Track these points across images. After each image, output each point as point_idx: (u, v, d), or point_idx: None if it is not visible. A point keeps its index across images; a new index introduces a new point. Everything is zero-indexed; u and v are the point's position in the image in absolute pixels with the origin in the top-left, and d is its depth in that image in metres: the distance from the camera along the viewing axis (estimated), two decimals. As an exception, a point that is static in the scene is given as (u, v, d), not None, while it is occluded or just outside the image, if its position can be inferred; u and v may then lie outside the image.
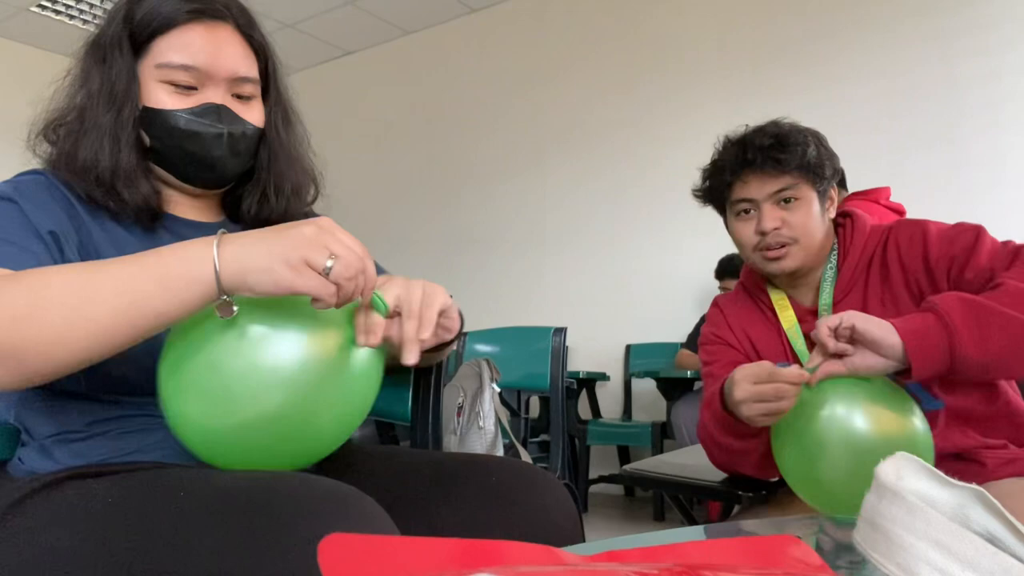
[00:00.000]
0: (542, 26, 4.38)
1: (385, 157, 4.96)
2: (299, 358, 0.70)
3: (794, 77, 3.50)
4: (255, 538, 0.60)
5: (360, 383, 0.75)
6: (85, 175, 0.83)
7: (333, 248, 0.65)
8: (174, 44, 0.84)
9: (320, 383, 0.71)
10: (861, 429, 0.93)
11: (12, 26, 4.83)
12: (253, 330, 0.69)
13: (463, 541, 0.42)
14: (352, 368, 0.73)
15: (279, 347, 0.69)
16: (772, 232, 1.17)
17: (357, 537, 0.39)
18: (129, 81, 0.85)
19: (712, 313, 1.40)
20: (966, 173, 3.10)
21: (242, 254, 0.65)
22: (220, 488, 0.66)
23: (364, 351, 0.74)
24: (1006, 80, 3.04)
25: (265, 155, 0.95)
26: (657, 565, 0.39)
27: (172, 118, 0.85)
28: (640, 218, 3.96)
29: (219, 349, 0.69)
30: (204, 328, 0.69)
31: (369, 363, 0.75)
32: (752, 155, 1.15)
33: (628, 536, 0.75)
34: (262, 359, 0.69)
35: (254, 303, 0.69)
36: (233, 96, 0.88)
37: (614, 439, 3.64)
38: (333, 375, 0.72)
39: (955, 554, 0.44)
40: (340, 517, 0.62)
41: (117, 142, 0.83)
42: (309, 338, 0.70)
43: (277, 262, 0.64)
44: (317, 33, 4.85)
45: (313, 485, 0.66)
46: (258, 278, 0.64)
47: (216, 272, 0.64)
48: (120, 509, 0.67)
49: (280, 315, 0.70)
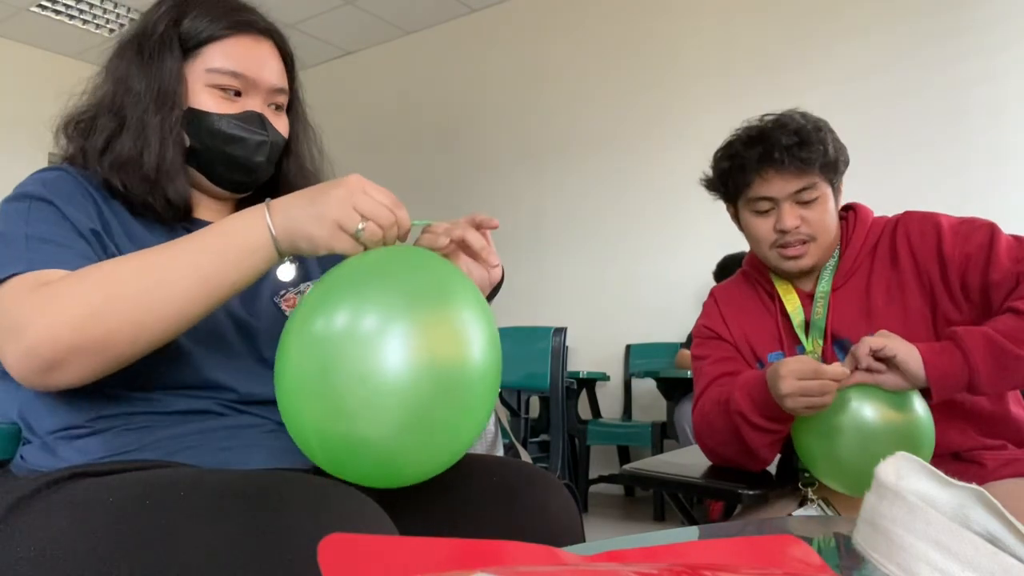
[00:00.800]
0: (542, 26, 4.39)
1: (385, 157, 4.96)
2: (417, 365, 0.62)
3: (795, 78, 3.50)
4: (252, 538, 0.60)
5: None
6: (128, 170, 0.85)
7: (362, 208, 0.71)
8: (225, 52, 0.89)
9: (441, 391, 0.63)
10: (873, 417, 1.05)
11: (12, 26, 4.83)
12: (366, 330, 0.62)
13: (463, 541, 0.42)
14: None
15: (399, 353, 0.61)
16: (792, 231, 1.17)
17: (357, 537, 0.39)
18: (178, 82, 0.88)
19: (708, 304, 1.40)
20: (967, 173, 3.10)
21: (288, 220, 0.72)
22: (218, 487, 0.66)
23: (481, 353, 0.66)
24: (1007, 80, 3.04)
25: (289, 166, 0.99)
26: (657, 565, 0.39)
27: (218, 121, 0.88)
28: (640, 218, 3.96)
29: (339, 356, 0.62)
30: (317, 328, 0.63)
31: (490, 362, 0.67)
32: (779, 155, 1.14)
33: (628, 536, 0.75)
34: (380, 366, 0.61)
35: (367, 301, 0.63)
36: (268, 106, 0.93)
37: (614, 439, 3.64)
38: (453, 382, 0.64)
39: (955, 554, 0.44)
40: (337, 517, 0.63)
41: (166, 140, 0.86)
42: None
43: (314, 225, 0.71)
44: (317, 33, 4.85)
45: (311, 485, 0.66)
46: (302, 241, 0.72)
47: (272, 237, 0.72)
48: (118, 508, 0.67)
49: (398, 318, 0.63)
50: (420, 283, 0.66)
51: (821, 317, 1.22)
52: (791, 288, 1.27)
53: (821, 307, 1.22)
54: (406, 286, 0.65)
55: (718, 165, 1.25)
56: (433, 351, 0.62)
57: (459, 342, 0.64)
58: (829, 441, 1.06)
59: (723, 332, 1.32)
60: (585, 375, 3.73)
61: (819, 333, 1.22)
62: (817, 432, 1.08)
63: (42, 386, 0.73)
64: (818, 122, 1.19)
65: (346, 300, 0.64)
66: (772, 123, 1.18)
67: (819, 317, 1.22)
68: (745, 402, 1.14)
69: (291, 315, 0.68)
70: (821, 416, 1.06)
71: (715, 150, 1.27)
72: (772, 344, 1.28)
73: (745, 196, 1.21)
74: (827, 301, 1.22)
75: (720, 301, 1.36)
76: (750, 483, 1.20)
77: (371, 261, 0.69)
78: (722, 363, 1.31)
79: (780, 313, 1.27)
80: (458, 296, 0.67)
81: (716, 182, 1.27)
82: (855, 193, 1.28)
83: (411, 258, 0.70)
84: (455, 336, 0.64)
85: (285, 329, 0.66)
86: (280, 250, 0.73)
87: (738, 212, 1.26)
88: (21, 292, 0.72)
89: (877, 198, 1.30)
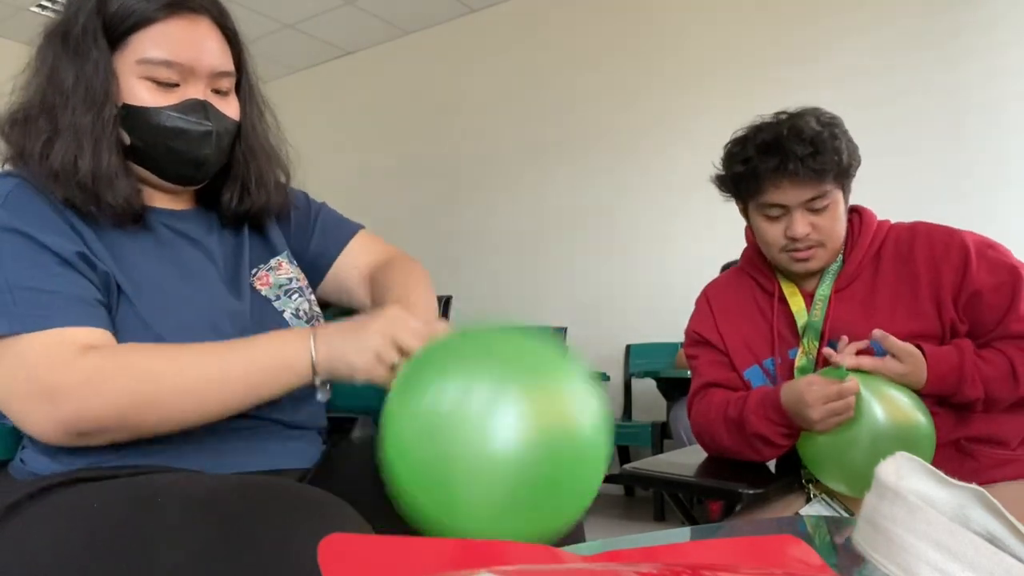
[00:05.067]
0: (542, 26, 4.38)
1: (385, 157, 4.95)
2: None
3: (796, 79, 3.50)
4: (232, 546, 0.60)
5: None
6: (63, 180, 0.79)
7: (401, 342, 0.74)
8: (155, 39, 0.81)
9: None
10: (884, 420, 1.09)
11: (12, 26, 4.83)
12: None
13: (463, 541, 0.42)
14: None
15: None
16: (803, 238, 1.18)
17: (357, 537, 0.39)
18: (107, 77, 0.80)
19: (699, 306, 1.39)
20: (969, 174, 3.09)
21: (331, 350, 0.76)
22: (205, 494, 0.66)
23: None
24: (1009, 80, 3.04)
25: (243, 149, 0.93)
26: (657, 565, 0.39)
27: (156, 116, 0.82)
28: (640, 218, 3.95)
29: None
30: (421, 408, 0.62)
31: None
32: (794, 166, 1.13)
33: (628, 536, 0.75)
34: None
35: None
36: (212, 91, 0.86)
37: (614, 439, 3.64)
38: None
39: (955, 554, 0.44)
40: (313, 525, 0.62)
41: (99, 144, 0.79)
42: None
43: (355, 355, 0.75)
44: (317, 33, 4.85)
45: (291, 493, 0.66)
46: (342, 368, 0.76)
47: (313, 364, 0.76)
48: (104, 514, 0.67)
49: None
50: (530, 365, 0.64)
51: (819, 320, 1.22)
52: (796, 290, 1.27)
53: (819, 309, 1.23)
54: (518, 367, 0.63)
55: (731, 167, 1.23)
56: (547, 437, 0.60)
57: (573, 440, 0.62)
58: (839, 449, 1.09)
59: (713, 338, 1.32)
60: (585, 375, 3.72)
61: (815, 335, 1.22)
62: (826, 441, 1.11)
63: (65, 444, 0.75)
64: (832, 124, 1.18)
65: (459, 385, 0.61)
66: (787, 130, 1.16)
67: (816, 319, 1.22)
68: (763, 424, 1.17)
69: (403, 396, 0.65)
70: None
71: (727, 144, 1.25)
72: (766, 349, 1.28)
73: (757, 200, 1.21)
74: (826, 304, 1.22)
75: (713, 304, 1.36)
76: (750, 482, 1.20)
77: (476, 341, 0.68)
78: (713, 367, 1.33)
79: (777, 314, 1.27)
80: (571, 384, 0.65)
81: (728, 183, 1.26)
82: (854, 194, 1.28)
83: (513, 337, 0.68)
84: (567, 426, 0.62)
85: (395, 412, 0.63)
86: (318, 373, 0.76)
87: (748, 210, 1.26)
88: (59, 355, 0.71)
89: (878, 198, 1.30)
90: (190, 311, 0.83)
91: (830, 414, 1.07)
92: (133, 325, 0.79)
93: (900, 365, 1.09)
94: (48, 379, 0.71)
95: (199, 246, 0.91)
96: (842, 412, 1.06)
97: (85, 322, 0.75)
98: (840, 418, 1.07)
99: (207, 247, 0.92)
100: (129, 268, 0.82)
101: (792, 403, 1.11)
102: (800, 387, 1.10)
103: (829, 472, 1.13)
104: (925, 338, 1.14)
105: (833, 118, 1.20)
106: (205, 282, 0.88)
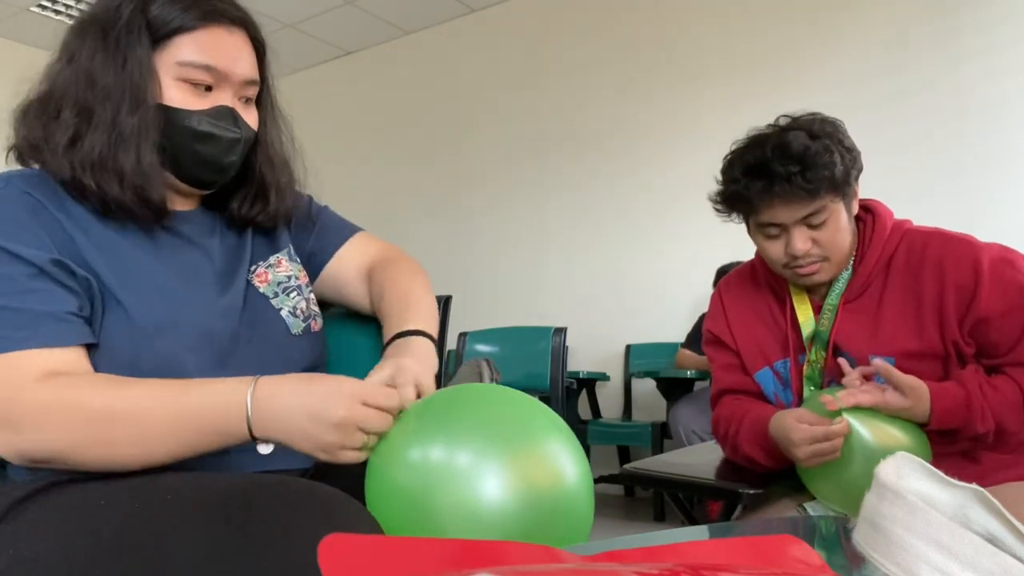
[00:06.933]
0: (542, 26, 4.38)
1: (385, 157, 4.95)
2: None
3: (796, 79, 3.50)
4: (234, 543, 0.61)
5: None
6: (100, 171, 0.80)
7: (366, 425, 0.70)
8: (197, 42, 0.83)
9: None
10: (879, 447, 1.07)
11: (12, 26, 4.82)
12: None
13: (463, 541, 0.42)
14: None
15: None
16: (804, 255, 1.15)
17: (357, 537, 0.39)
18: (149, 76, 0.82)
19: (713, 304, 1.38)
20: (970, 173, 3.09)
21: (275, 428, 0.72)
22: (213, 492, 0.66)
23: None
24: (1010, 80, 3.04)
25: (259, 159, 0.95)
26: (657, 565, 0.39)
27: (188, 119, 0.84)
28: (640, 218, 3.95)
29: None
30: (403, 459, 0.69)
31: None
32: (780, 187, 1.09)
33: (628, 536, 0.75)
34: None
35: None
36: (239, 99, 0.89)
37: (614, 439, 3.64)
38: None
39: (955, 554, 0.44)
40: (323, 523, 0.62)
41: (143, 142, 0.81)
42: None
43: (317, 452, 0.71)
44: (317, 33, 4.85)
45: (300, 491, 0.66)
46: (296, 450, 0.72)
47: (249, 428, 0.72)
48: (110, 512, 0.67)
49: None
50: (510, 423, 0.69)
51: (826, 329, 1.21)
52: (806, 299, 1.25)
53: (827, 319, 1.21)
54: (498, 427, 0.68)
55: (725, 189, 1.20)
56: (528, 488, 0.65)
57: (554, 481, 0.67)
58: (835, 478, 1.09)
59: (727, 339, 1.32)
60: (585, 375, 3.73)
61: (822, 345, 1.21)
62: (822, 471, 1.11)
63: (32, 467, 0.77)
64: (825, 135, 1.12)
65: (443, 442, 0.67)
66: (772, 150, 1.11)
67: (824, 329, 1.21)
68: (755, 451, 1.21)
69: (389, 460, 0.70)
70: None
71: (720, 162, 1.22)
72: (780, 351, 1.27)
73: (754, 221, 1.19)
74: (834, 314, 1.20)
75: (727, 303, 1.34)
76: (750, 482, 1.20)
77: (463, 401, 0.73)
78: (727, 372, 1.33)
79: (789, 321, 1.26)
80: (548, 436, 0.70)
81: (723, 206, 1.23)
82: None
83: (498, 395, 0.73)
84: (548, 474, 0.67)
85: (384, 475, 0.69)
86: (254, 436, 0.73)
87: (749, 228, 1.24)
88: (17, 381, 0.72)
89: (878, 198, 1.29)
90: (182, 311, 0.83)
91: (816, 454, 1.06)
92: (121, 327, 0.79)
93: (902, 399, 1.05)
94: (3, 407, 0.72)
95: (198, 247, 0.91)
96: (828, 453, 1.05)
97: (53, 342, 0.74)
98: (827, 458, 1.06)
99: (206, 248, 0.92)
100: (122, 268, 0.82)
101: (779, 438, 1.11)
102: (788, 424, 1.09)
103: (824, 491, 1.13)
104: (927, 357, 1.12)
105: (828, 126, 1.15)
106: (200, 283, 0.88)
